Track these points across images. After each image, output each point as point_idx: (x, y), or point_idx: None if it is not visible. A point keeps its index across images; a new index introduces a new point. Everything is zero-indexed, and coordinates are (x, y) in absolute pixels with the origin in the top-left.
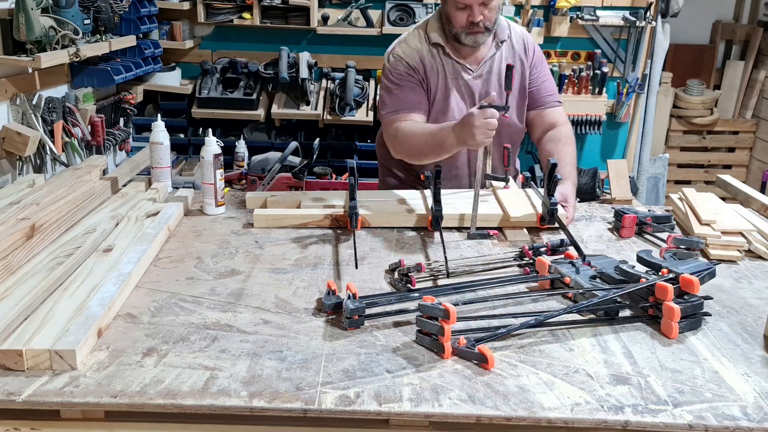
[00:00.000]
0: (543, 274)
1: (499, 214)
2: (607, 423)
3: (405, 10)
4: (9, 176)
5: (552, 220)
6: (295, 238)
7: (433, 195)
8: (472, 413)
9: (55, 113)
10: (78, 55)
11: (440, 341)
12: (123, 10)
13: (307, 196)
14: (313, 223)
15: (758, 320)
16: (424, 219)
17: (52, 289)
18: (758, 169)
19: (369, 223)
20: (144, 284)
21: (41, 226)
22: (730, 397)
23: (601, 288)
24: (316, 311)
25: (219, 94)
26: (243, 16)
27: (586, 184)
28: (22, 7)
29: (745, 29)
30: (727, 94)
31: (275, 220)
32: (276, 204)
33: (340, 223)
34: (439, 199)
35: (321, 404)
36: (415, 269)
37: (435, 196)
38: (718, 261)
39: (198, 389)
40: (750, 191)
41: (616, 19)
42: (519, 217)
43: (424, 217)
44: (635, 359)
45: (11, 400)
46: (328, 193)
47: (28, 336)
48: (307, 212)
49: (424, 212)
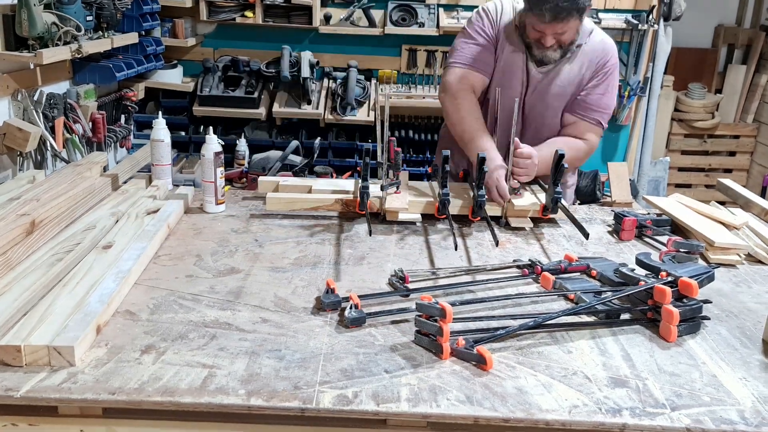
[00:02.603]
0: (547, 289)
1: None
2: (604, 426)
3: (407, 11)
4: (9, 172)
5: (555, 209)
6: (295, 237)
7: (441, 182)
8: (469, 414)
9: (56, 109)
10: (80, 52)
11: (439, 342)
12: (125, 7)
13: (319, 182)
14: (324, 207)
15: (757, 324)
16: (431, 206)
17: (51, 285)
18: (759, 174)
19: (376, 207)
20: (143, 281)
21: (41, 222)
22: (728, 401)
23: (599, 290)
24: (315, 310)
25: (220, 92)
26: (245, 14)
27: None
28: (24, 3)
29: (747, 33)
30: (728, 98)
31: (288, 203)
32: (288, 189)
33: (350, 207)
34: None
35: (319, 403)
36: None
37: (443, 182)
38: (718, 265)
39: (196, 387)
40: (750, 195)
41: (619, 22)
42: (524, 206)
43: (431, 204)
44: (633, 362)
45: (9, 395)
46: (338, 180)
47: (26, 332)
48: (318, 197)
49: (432, 200)
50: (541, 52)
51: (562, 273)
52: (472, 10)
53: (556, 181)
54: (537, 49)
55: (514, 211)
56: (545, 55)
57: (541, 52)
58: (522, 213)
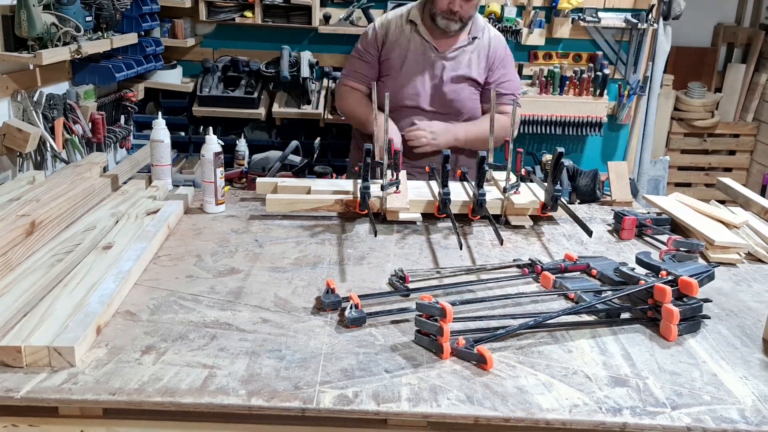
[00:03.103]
0: (547, 288)
1: (500, 199)
2: (605, 425)
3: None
4: (9, 173)
5: (555, 206)
6: (295, 237)
7: (441, 181)
8: (470, 414)
9: (56, 110)
10: (79, 52)
11: (439, 341)
12: (125, 7)
13: (318, 182)
14: (324, 207)
15: (757, 323)
16: (432, 206)
17: (51, 285)
18: (758, 172)
19: (377, 207)
20: (143, 282)
21: (41, 222)
22: (728, 400)
23: (600, 289)
24: (315, 310)
25: (220, 92)
26: (245, 14)
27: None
28: (23, 4)
29: (747, 32)
30: (728, 97)
31: (288, 204)
32: (286, 190)
33: (350, 208)
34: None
35: (319, 403)
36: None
37: (443, 181)
38: (718, 264)
39: (196, 387)
40: (750, 194)
41: (618, 21)
42: (523, 204)
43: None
44: (634, 361)
45: (10, 396)
46: (338, 180)
47: (26, 332)
48: (318, 197)
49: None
50: (446, 21)
51: (562, 272)
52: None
53: (555, 178)
54: (442, 18)
55: (514, 209)
56: (448, 24)
57: (446, 21)
58: (521, 211)
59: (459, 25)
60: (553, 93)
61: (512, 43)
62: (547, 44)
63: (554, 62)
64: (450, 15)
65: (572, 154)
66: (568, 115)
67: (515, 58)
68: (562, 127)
